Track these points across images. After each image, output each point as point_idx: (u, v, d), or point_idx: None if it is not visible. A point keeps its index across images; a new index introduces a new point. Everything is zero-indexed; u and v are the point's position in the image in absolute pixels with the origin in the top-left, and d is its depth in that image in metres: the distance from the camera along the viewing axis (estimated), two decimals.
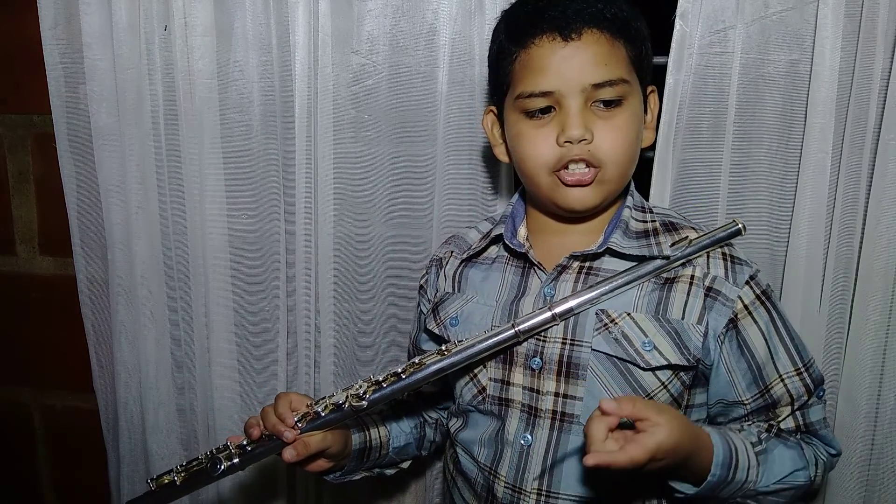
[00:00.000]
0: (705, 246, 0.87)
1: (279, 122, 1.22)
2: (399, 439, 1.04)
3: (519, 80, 0.85)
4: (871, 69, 1.01)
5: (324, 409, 0.87)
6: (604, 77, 0.82)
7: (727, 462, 0.79)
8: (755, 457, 0.82)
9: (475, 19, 1.11)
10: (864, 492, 1.13)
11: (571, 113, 0.82)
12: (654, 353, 0.84)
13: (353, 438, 0.97)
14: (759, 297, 0.87)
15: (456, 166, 1.18)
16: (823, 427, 0.90)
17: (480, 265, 0.97)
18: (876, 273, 1.05)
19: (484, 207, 1.19)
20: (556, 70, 0.82)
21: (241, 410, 1.33)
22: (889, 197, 1.03)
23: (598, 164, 0.84)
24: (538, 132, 0.85)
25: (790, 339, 0.89)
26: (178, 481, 0.89)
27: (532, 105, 0.84)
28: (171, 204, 1.27)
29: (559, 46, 0.82)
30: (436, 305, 0.99)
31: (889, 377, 1.09)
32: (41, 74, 1.26)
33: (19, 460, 1.54)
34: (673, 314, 0.85)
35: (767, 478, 0.83)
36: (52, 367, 1.47)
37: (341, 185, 1.22)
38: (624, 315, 0.85)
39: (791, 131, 1.09)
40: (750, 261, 0.90)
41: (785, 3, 1.05)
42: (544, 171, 0.85)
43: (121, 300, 1.31)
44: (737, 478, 0.80)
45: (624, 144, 0.85)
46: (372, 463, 1.02)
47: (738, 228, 0.87)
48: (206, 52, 1.19)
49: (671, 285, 0.86)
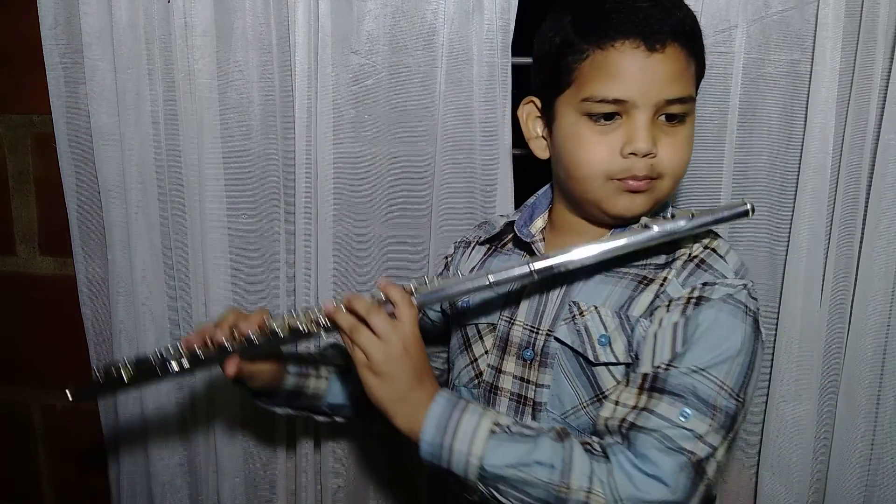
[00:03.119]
0: (706, 223, 0.81)
1: (279, 122, 1.22)
2: (337, 398, 1.03)
3: (589, 80, 0.80)
4: (871, 69, 1.01)
5: (281, 329, 0.86)
6: (677, 94, 0.80)
7: (445, 416, 0.77)
8: (507, 430, 0.77)
9: (473, 19, 1.12)
10: (864, 492, 1.13)
11: (640, 125, 0.79)
12: (606, 348, 0.82)
13: (288, 379, 0.97)
14: (688, 300, 0.80)
15: (455, 166, 1.18)
16: (654, 448, 0.73)
17: (503, 255, 0.97)
18: (876, 273, 1.05)
19: (483, 208, 1.19)
20: (634, 79, 0.78)
21: (241, 410, 1.34)
22: (889, 197, 1.03)
23: (656, 177, 0.82)
24: (602, 139, 0.81)
25: (681, 344, 0.78)
26: (125, 377, 0.88)
27: (599, 109, 0.80)
28: (171, 204, 1.27)
29: (642, 55, 0.78)
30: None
31: (889, 377, 1.09)
32: (41, 74, 1.26)
33: (19, 460, 1.54)
34: (635, 312, 0.83)
35: (501, 457, 0.74)
36: (52, 367, 1.47)
37: (341, 185, 1.22)
38: (592, 308, 0.85)
39: (791, 131, 1.09)
40: (733, 275, 0.82)
41: (785, 3, 1.05)
42: (601, 178, 0.82)
43: (121, 300, 1.31)
44: (458, 433, 0.76)
45: (684, 161, 0.84)
46: (302, 407, 1.03)
47: (746, 209, 0.79)
48: (206, 52, 1.18)
49: (646, 287, 0.84)
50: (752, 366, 0.78)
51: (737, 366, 0.77)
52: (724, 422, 0.75)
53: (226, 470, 1.34)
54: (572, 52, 0.81)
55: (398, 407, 0.78)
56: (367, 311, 0.79)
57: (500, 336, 0.92)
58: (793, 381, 1.12)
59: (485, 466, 0.74)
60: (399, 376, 0.78)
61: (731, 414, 0.75)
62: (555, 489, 0.72)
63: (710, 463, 0.74)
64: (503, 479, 0.74)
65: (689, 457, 0.72)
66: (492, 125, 1.16)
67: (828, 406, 1.14)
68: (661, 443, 0.72)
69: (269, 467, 1.37)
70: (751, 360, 0.78)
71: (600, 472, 0.72)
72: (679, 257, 0.84)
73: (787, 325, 1.11)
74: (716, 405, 0.74)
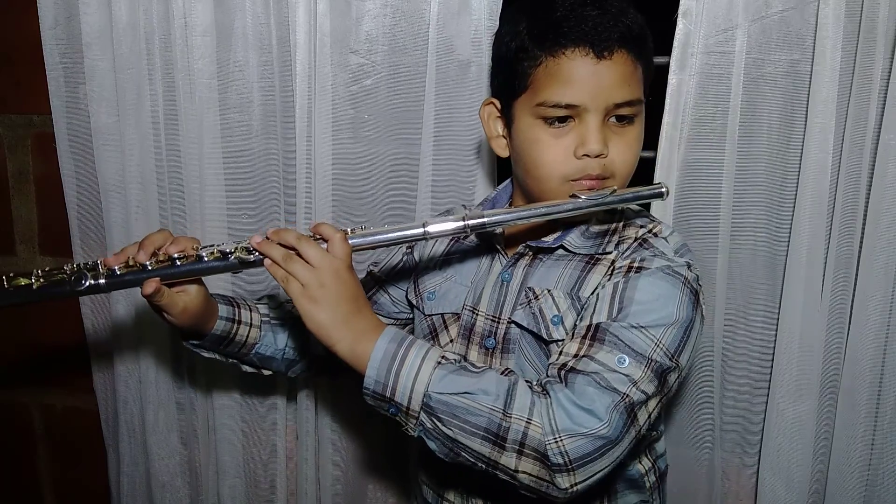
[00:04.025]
0: (626, 199, 0.86)
1: (279, 122, 1.22)
2: (267, 349, 1.04)
3: (542, 86, 0.85)
4: (871, 69, 1.01)
5: (208, 256, 0.85)
6: (626, 97, 0.84)
7: (393, 346, 0.78)
8: (453, 362, 0.78)
9: (473, 19, 1.12)
10: (864, 492, 1.13)
11: (592, 128, 0.84)
12: (559, 327, 0.87)
13: (218, 323, 0.97)
14: (629, 268, 0.85)
15: (453, 166, 1.18)
16: (590, 386, 0.75)
17: (467, 246, 1.01)
18: (876, 273, 1.05)
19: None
20: (584, 85, 0.83)
21: (241, 411, 1.34)
22: (889, 197, 1.03)
23: (608, 176, 0.86)
24: (557, 141, 0.85)
25: (621, 304, 0.82)
26: (34, 285, 0.85)
27: (553, 113, 0.85)
28: (171, 204, 1.27)
29: (591, 62, 0.82)
30: (417, 277, 1.04)
31: (889, 377, 1.09)
32: (41, 74, 1.26)
33: (19, 460, 1.54)
34: (585, 292, 0.87)
35: (447, 386, 0.76)
36: (52, 367, 1.47)
37: (341, 185, 1.22)
38: (545, 292, 0.89)
39: (791, 131, 1.09)
40: (672, 253, 0.86)
41: (785, 3, 1.05)
42: (558, 179, 0.86)
43: (121, 300, 1.31)
44: (406, 362, 0.77)
45: (634, 159, 0.88)
46: (229, 353, 1.03)
47: (662, 191, 0.86)
48: (206, 52, 1.18)
49: (593, 267, 0.88)
50: (689, 335, 0.82)
51: (673, 331, 0.81)
52: (658, 373, 0.79)
53: (226, 470, 1.34)
54: (527, 58, 0.86)
55: (338, 332, 0.79)
56: (297, 240, 0.81)
57: (465, 326, 0.95)
58: (793, 380, 1.12)
59: (430, 393, 0.75)
60: (335, 301, 0.79)
61: (665, 369, 0.79)
62: (498, 417, 0.74)
63: (641, 410, 0.78)
64: (447, 407, 0.75)
65: (622, 398, 0.76)
66: None
67: (828, 406, 1.14)
68: (597, 383, 0.76)
69: (269, 467, 1.37)
70: (687, 330, 0.82)
71: (540, 405, 0.75)
72: (624, 240, 0.89)
73: (787, 325, 1.10)
74: (651, 357, 0.79)
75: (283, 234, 0.82)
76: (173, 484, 1.38)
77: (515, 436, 0.74)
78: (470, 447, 0.75)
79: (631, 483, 0.94)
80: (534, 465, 0.74)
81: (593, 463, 0.74)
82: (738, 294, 1.16)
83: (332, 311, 0.78)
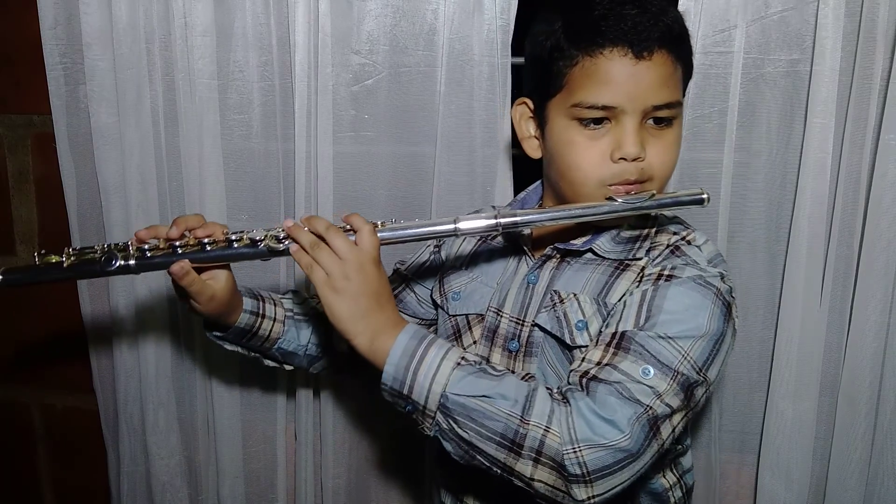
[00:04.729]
0: (664, 204, 0.84)
1: (279, 122, 1.22)
2: (290, 344, 1.03)
3: (578, 87, 0.82)
4: (871, 69, 1.01)
5: (238, 242, 0.85)
6: (664, 99, 0.82)
7: (413, 343, 0.77)
8: (472, 364, 0.76)
9: (473, 19, 1.12)
10: (864, 491, 1.13)
11: (629, 131, 0.81)
12: (584, 332, 0.84)
13: (242, 316, 0.96)
14: (659, 275, 0.82)
15: (455, 166, 1.18)
16: (613, 396, 0.73)
17: (494, 246, 0.99)
18: (876, 273, 1.05)
19: (482, 207, 1.19)
20: (622, 86, 0.80)
21: (241, 411, 1.34)
22: (889, 197, 1.03)
23: (646, 179, 0.84)
24: (592, 144, 0.83)
25: (649, 312, 0.79)
26: (65, 263, 0.85)
27: (589, 115, 0.82)
28: (171, 204, 1.27)
29: (630, 63, 0.80)
30: (443, 276, 1.02)
31: (889, 377, 1.09)
32: (41, 74, 1.26)
33: (19, 460, 1.54)
34: (612, 299, 0.84)
35: (465, 388, 0.74)
36: (52, 367, 1.47)
37: (341, 185, 1.22)
38: (571, 296, 0.86)
39: (791, 131, 1.09)
40: (706, 262, 0.84)
41: (785, 3, 1.05)
42: (594, 183, 0.84)
43: (121, 300, 1.31)
44: (425, 360, 0.75)
45: (672, 162, 0.86)
46: (252, 347, 1.02)
47: (702, 198, 0.84)
48: (206, 52, 1.18)
49: (622, 273, 0.86)
50: (718, 349, 0.79)
51: (702, 343, 0.77)
52: (684, 387, 0.75)
53: (226, 470, 1.34)
54: (562, 57, 0.83)
55: (357, 325, 0.78)
56: (326, 229, 0.80)
57: (488, 327, 0.94)
58: (793, 380, 1.12)
59: (447, 394, 0.74)
60: (357, 294, 0.78)
61: (692, 383, 0.76)
62: (515, 423, 0.72)
63: (665, 423, 0.75)
64: (464, 410, 0.73)
65: (645, 410, 0.73)
66: (491, 125, 1.16)
67: (828, 406, 1.14)
68: (619, 393, 0.73)
69: (269, 467, 1.37)
70: (717, 343, 0.79)
71: (559, 413, 0.73)
72: (656, 246, 0.87)
73: (787, 325, 1.11)
74: (678, 370, 0.75)
75: (313, 221, 0.81)
76: (173, 484, 1.39)
77: (532, 443, 0.72)
78: (485, 451, 0.74)
79: (654, 497, 0.92)
80: (550, 475, 0.72)
81: (612, 476, 0.72)
82: (738, 294, 1.15)
83: (353, 303, 0.78)
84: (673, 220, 0.92)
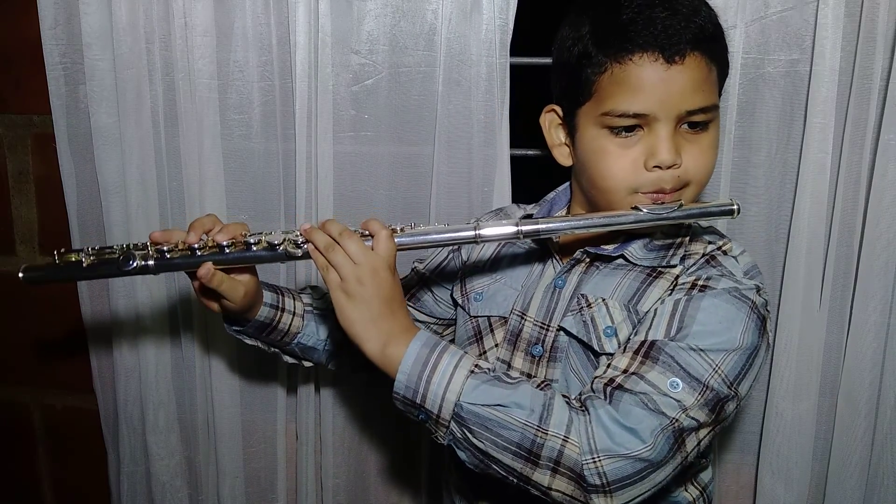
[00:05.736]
0: (692, 215, 0.82)
1: (279, 122, 1.22)
2: (309, 339, 1.02)
3: (608, 95, 0.79)
4: (871, 69, 1.01)
5: (256, 245, 0.84)
6: (699, 104, 0.79)
7: (426, 350, 0.75)
8: (487, 372, 0.75)
9: (472, 19, 1.12)
10: (864, 492, 1.13)
11: (663, 138, 0.78)
12: (612, 339, 0.82)
13: (262, 310, 0.96)
14: (693, 285, 0.81)
15: (454, 166, 1.18)
16: (637, 406, 0.72)
17: (518, 247, 0.97)
18: (876, 273, 1.05)
19: (481, 207, 1.19)
20: (653, 93, 0.77)
21: (241, 411, 1.34)
22: (889, 197, 1.03)
23: (682, 186, 0.82)
24: (625, 152, 0.80)
25: (681, 323, 0.77)
26: (85, 262, 0.84)
27: (620, 123, 0.80)
28: (171, 204, 1.27)
29: (661, 68, 0.77)
30: (465, 276, 1.01)
31: (889, 377, 1.09)
32: (41, 74, 1.25)
33: (19, 460, 1.54)
34: (644, 307, 0.82)
35: (479, 396, 0.72)
36: (52, 367, 1.47)
37: (341, 185, 1.22)
38: (599, 301, 0.85)
39: (791, 131, 1.09)
40: (742, 274, 0.82)
41: (785, 3, 1.05)
42: (626, 191, 0.82)
43: (121, 300, 1.31)
44: (438, 368, 0.74)
45: (710, 167, 0.83)
46: (272, 342, 1.01)
47: (733, 209, 0.82)
48: (206, 52, 1.18)
49: (655, 280, 0.84)
50: (751, 363, 0.77)
51: (734, 357, 0.76)
52: (713, 402, 0.74)
53: (226, 470, 1.34)
54: (591, 64, 0.80)
55: (368, 331, 0.77)
56: (340, 232, 0.79)
57: (511, 331, 0.92)
58: (792, 380, 1.12)
59: (462, 403, 0.72)
60: (370, 299, 0.77)
61: (721, 398, 0.74)
62: (531, 433, 0.71)
63: (691, 437, 0.73)
64: (479, 419, 0.72)
65: (671, 422, 0.71)
66: (490, 125, 1.16)
67: (828, 406, 1.14)
68: (644, 404, 0.72)
69: (269, 467, 1.37)
70: (750, 358, 0.77)
71: (578, 422, 0.72)
72: (691, 255, 0.85)
73: (787, 325, 1.10)
74: (707, 384, 0.73)
75: (329, 224, 0.81)
76: (173, 484, 1.39)
77: (550, 453, 0.71)
78: (501, 461, 0.72)
79: None
80: (568, 485, 0.71)
81: (632, 486, 0.70)
82: None
83: (364, 308, 0.77)
84: (707, 229, 0.90)
